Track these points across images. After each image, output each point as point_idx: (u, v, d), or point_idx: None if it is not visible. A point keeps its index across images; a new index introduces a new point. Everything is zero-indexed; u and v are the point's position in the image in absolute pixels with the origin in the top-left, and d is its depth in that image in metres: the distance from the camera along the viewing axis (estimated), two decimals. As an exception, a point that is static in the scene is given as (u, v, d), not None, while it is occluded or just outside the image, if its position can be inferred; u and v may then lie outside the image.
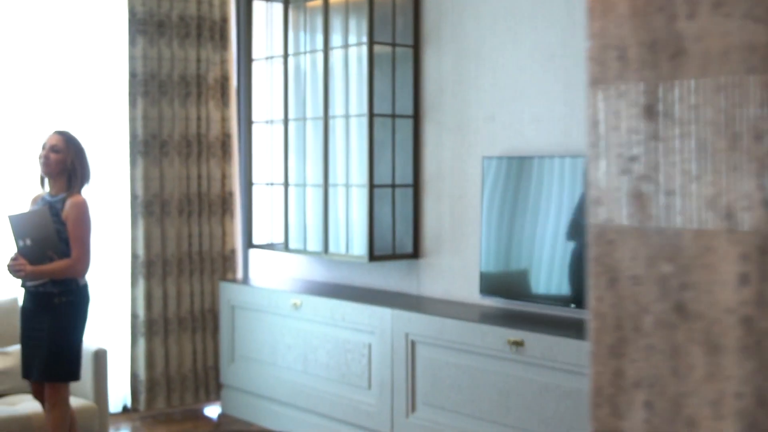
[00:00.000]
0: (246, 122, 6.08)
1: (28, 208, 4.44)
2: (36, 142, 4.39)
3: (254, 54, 5.98)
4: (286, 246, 5.73)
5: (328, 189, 5.41)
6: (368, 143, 5.13)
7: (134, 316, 5.84)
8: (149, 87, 5.78)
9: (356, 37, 5.28)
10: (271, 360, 5.61)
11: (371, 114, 5.13)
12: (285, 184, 5.72)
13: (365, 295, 5.25)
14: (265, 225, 6.04)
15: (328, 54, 5.38)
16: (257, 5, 5.98)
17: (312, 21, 5.59)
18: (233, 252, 6.20)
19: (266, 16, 5.96)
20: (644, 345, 1.02)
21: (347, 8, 5.28)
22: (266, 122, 5.97)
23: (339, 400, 5.15)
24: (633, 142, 1.04)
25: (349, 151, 5.34)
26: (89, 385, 4.85)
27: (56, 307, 4.25)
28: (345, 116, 5.33)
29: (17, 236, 4.24)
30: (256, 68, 6.00)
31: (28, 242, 4.21)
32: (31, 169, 4.49)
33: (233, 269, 6.19)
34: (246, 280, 6.14)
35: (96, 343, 4.96)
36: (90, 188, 4.45)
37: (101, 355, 4.89)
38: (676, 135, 1.01)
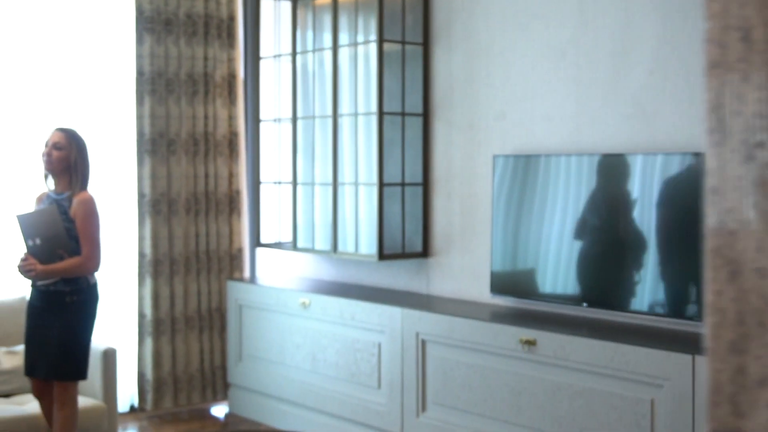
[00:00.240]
0: (254, 120, 6.06)
1: (34, 207, 4.40)
2: (43, 141, 4.36)
3: (262, 52, 5.96)
4: (295, 245, 5.70)
5: (337, 187, 5.38)
6: (378, 141, 5.10)
7: (141, 316, 5.81)
8: (156, 85, 5.76)
9: (365, 35, 5.26)
10: (279, 359, 5.59)
11: (381, 112, 5.10)
12: (293, 183, 5.69)
13: (375, 294, 5.23)
14: (273, 224, 6.01)
15: (337, 52, 5.35)
16: (265, 3, 5.96)
17: (320, 19, 5.57)
18: (240, 251, 6.17)
19: (274, 14, 5.94)
20: None
21: (356, 6, 5.25)
22: (274, 120, 5.95)
23: (348, 400, 5.12)
24: (758, 128, 0.99)
25: (358, 150, 5.31)
26: (98, 385, 4.82)
27: (67, 306, 4.22)
28: (354, 114, 5.30)
29: (26, 236, 4.20)
30: (264, 66, 5.97)
31: (38, 241, 4.17)
32: (39, 168, 4.45)
33: (240, 268, 6.17)
34: (253, 279, 6.11)
35: (104, 343, 4.93)
36: (92, 185, 4.40)
37: (110, 355, 4.86)
38: None
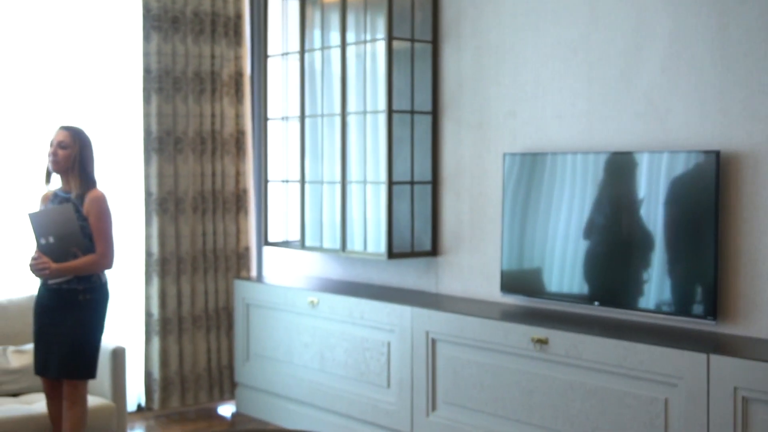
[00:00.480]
0: (261, 119, 6.04)
1: (40, 206, 4.38)
2: (49, 140, 4.34)
3: (270, 50, 5.94)
4: (303, 243, 5.68)
5: (346, 186, 5.36)
6: (387, 140, 5.08)
7: (148, 315, 5.80)
8: (163, 83, 5.74)
9: (373, 33, 5.24)
10: (287, 358, 5.57)
11: (390, 110, 5.08)
12: (301, 181, 5.67)
13: (384, 293, 5.21)
14: (281, 222, 6.00)
15: (345, 50, 5.33)
16: (273, 1, 5.94)
17: (328, 16, 5.55)
18: (248, 250, 6.15)
19: (282, 12, 5.93)
20: None
21: (365, 4, 5.24)
22: (282, 119, 5.93)
23: (357, 399, 5.11)
24: None
25: (366, 148, 5.30)
26: (107, 384, 4.80)
27: (80, 304, 4.20)
28: (362, 113, 5.29)
29: (38, 234, 4.17)
30: (272, 64, 5.95)
31: (51, 240, 4.14)
32: (42, 167, 4.42)
33: (248, 267, 6.15)
34: (261, 278, 6.09)
35: (113, 342, 4.91)
36: (100, 183, 4.38)
37: (119, 354, 4.84)
38: None
